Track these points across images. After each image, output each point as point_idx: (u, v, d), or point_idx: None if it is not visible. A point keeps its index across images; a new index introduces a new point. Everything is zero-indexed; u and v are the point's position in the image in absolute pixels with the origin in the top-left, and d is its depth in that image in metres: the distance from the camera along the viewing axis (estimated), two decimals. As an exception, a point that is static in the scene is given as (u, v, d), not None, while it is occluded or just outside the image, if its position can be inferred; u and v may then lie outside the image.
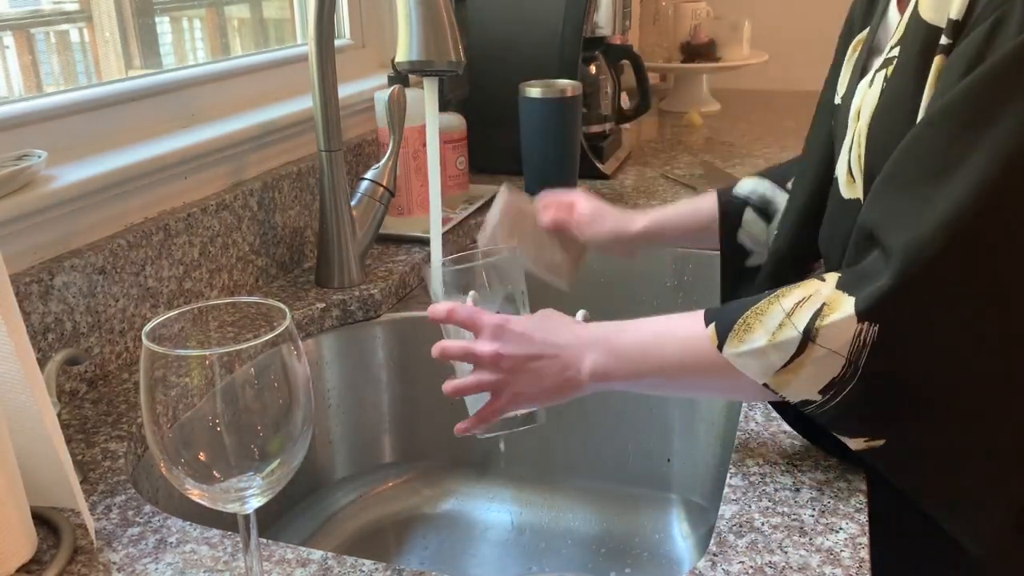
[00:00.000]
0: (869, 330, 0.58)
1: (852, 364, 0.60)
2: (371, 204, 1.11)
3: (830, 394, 0.61)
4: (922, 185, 0.59)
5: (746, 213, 0.94)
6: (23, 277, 0.79)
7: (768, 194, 0.94)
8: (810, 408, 0.63)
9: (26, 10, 1.03)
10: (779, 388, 0.63)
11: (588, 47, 1.50)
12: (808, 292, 0.63)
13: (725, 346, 0.64)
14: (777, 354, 0.62)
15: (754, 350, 0.63)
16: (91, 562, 0.62)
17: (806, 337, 0.61)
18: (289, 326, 0.49)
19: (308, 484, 1.04)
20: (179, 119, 1.06)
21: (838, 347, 0.60)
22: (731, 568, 0.60)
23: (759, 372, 0.64)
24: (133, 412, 0.82)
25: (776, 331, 0.62)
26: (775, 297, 0.64)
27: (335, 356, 1.05)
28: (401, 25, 0.81)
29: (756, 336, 0.63)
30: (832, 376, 0.61)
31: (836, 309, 0.60)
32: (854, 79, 0.75)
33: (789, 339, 0.61)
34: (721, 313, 0.66)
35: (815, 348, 0.60)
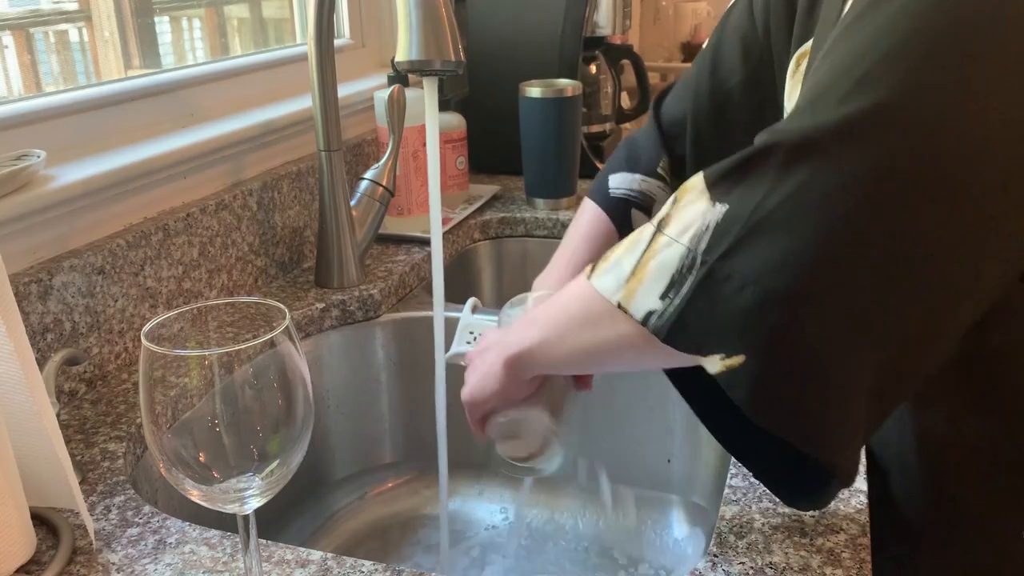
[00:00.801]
0: (713, 209, 0.50)
1: (691, 252, 0.50)
2: (371, 204, 1.11)
3: (670, 296, 0.51)
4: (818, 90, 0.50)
5: (633, 214, 0.87)
6: (22, 277, 0.79)
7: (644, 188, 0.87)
8: (652, 320, 0.52)
9: (25, 10, 1.03)
10: (627, 302, 0.53)
11: (588, 47, 1.50)
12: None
13: (592, 275, 0.57)
14: (629, 257, 0.54)
15: (610, 263, 0.56)
16: (90, 563, 0.62)
17: (658, 229, 0.53)
18: (288, 326, 0.49)
19: (308, 484, 1.04)
20: (178, 119, 1.06)
21: (678, 232, 0.51)
22: (731, 569, 0.60)
23: (612, 288, 0.55)
24: (132, 412, 0.82)
25: (636, 235, 0.55)
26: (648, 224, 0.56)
27: (335, 356, 1.05)
28: (401, 25, 0.80)
29: (620, 250, 0.56)
30: (671, 272, 0.51)
31: (690, 191, 0.52)
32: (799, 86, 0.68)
33: (642, 236, 0.54)
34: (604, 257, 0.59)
35: (660, 237, 0.52)
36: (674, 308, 0.51)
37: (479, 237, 1.34)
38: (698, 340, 0.51)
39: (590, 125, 1.54)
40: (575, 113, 1.33)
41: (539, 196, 1.35)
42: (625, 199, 0.88)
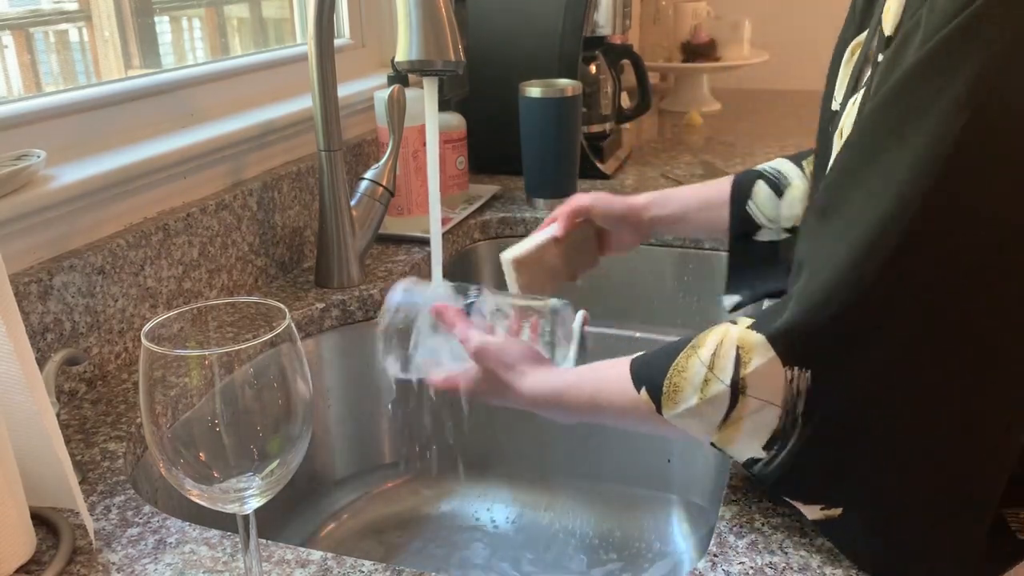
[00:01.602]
0: (800, 376, 0.55)
1: (789, 415, 0.56)
2: (371, 204, 1.11)
3: (774, 449, 0.58)
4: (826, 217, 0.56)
5: (757, 185, 0.91)
6: (22, 277, 0.79)
7: (783, 169, 0.91)
8: (758, 467, 0.60)
9: (25, 10, 1.03)
10: (724, 445, 0.61)
11: (588, 47, 1.50)
12: (720, 336, 0.60)
13: (663, 410, 0.62)
14: (712, 410, 0.59)
15: (690, 409, 0.61)
16: (90, 562, 0.62)
17: (735, 390, 0.58)
18: (288, 326, 0.49)
19: (308, 484, 1.04)
20: (178, 119, 1.06)
21: (770, 396, 0.57)
22: (731, 569, 0.60)
23: (702, 430, 0.61)
24: (132, 412, 0.82)
25: (703, 387, 0.59)
26: (691, 348, 0.61)
27: (335, 356, 1.05)
28: (401, 25, 0.80)
29: (685, 395, 0.61)
30: (772, 429, 0.57)
31: (753, 352, 0.57)
32: (849, 88, 0.72)
33: (718, 393, 0.59)
34: (647, 372, 0.64)
35: (748, 400, 0.58)
36: (781, 459, 0.58)
37: (479, 237, 1.34)
38: (803, 491, 0.59)
39: (590, 125, 1.54)
40: (575, 113, 1.33)
41: (539, 196, 1.35)
42: (760, 171, 0.92)
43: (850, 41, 0.77)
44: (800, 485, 0.59)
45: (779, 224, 0.90)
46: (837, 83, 0.77)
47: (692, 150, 1.72)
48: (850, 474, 0.56)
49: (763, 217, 0.91)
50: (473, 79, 1.47)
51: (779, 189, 0.90)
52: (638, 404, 0.64)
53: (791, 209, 0.89)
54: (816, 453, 0.57)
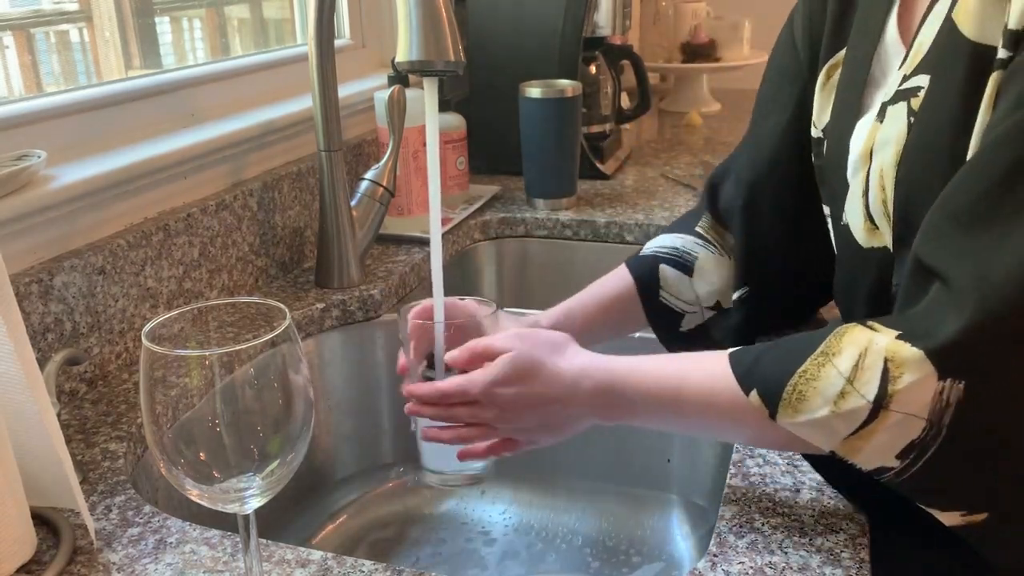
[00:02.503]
0: (952, 387, 0.52)
1: (934, 426, 0.53)
2: (371, 204, 1.11)
3: (910, 458, 0.54)
4: (993, 219, 0.53)
5: (661, 270, 0.85)
6: (23, 277, 0.79)
7: (679, 245, 0.86)
8: (887, 476, 0.56)
9: (26, 10, 1.03)
10: (849, 455, 0.57)
11: (588, 47, 1.50)
12: (861, 346, 0.56)
13: (779, 416, 0.58)
14: (844, 423, 0.56)
15: (815, 420, 0.57)
16: (91, 562, 0.62)
17: (878, 405, 0.54)
18: (289, 326, 0.49)
19: (308, 484, 1.04)
20: (179, 119, 1.06)
21: (917, 410, 0.53)
22: (731, 568, 0.60)
23: (825, 441, 0.57)
24: (133, 412, 0.82)
25: (838, 399, 0.55)
26: (823, 356, 0.57)
27: (335, 356, 1.05)
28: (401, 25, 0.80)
29: (814, 405, 0.57)
30: (911, 439, 0.54)
31: (906, 367, 0.53)
32: (844, 113, 0.69)
33: (856, 408, 0.55)
34: (758, 375, 0.60)
35: (889, 414, 0.54)
36: (918, 468, 0.55)
37: (479, 237, 1.34)
38: (941, 498, 0.56)
39: (590, 125, 1.54)
40: (575, 113, 1.33)
41: (539, 196, 1.35)
42: (654, 255, 0.87)
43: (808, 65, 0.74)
44: (939, 492, 0.56)
45: (700, 304, 0.85)
46: (815, 109, 0.74)
47: (692, 150, 1.72)
48: (996, 480, 0.54)
49: (681, 303, 0.86)
50: (473, 79, 1.47)
51: (685, 267, 0.85)
52: (741, 406, 0.60)
53: (709, 285, 0.85)
54: (959, 462, 0.54)
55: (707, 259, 0.85)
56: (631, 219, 1.29)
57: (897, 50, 0.66)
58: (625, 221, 1.29)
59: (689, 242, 0.86)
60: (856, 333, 0.57)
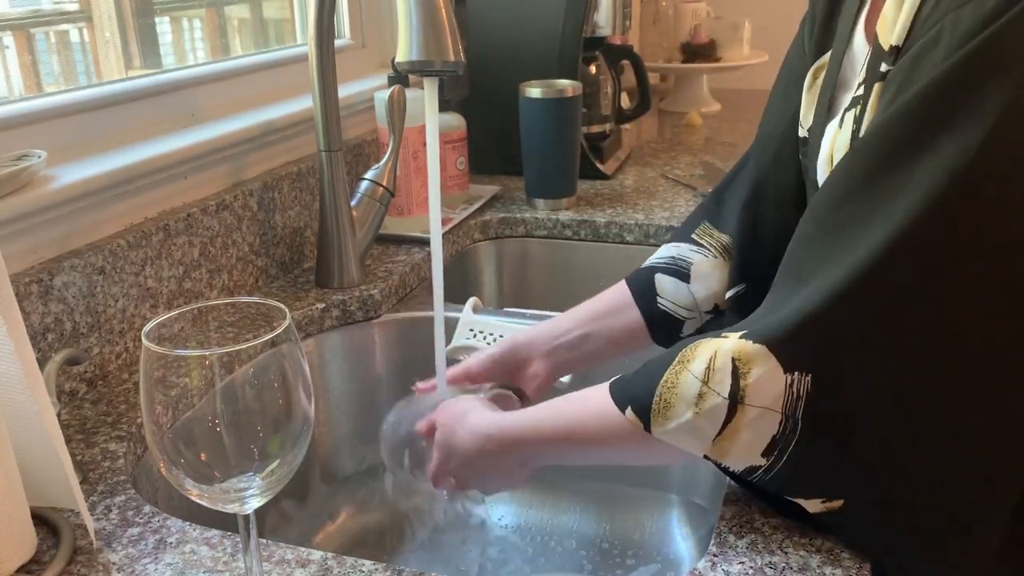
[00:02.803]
0: (801, 380, 0.55)
1: (790, 419, 0.56)
2: (371, 204, 1.11)
3: (774, 454, 0.57)
4: (836, 225, 0.56)
5: (657, 279, 0.85)
6: (23, 277, 0.79)
7: (675, 253, 0.87)
8: (757, 475, 0.59)
9: (26, 10, 1.03)
10: (721, 457, 0.59)
11: (588, 47, 1.50)
12: (712, 350, 0.58)
13: (653, 426, 0.61)
14: (708, 423, 0.58)
15: (683, 424, 0.59)
16: (91, 562, 0.62)
17: (733, 400, 0.57)
18: (289, 326, 0.49)
19: (308, 484, 1.04)
20: (179, 119, 1.06)
21: (770, 403, 0.56)
22: (731, 568, 0.60)
23: (696, 445, 0.60)
24: (133, 412, 0.82)
25: (698, 400, 0.58)
26: (679, 364, 0.60)
27: (335, 356, 1.05)
28: (401, 25, 0.80)
29: (679, 411, 0.59)
30: (772, 435, 0.57)
31: (752, 362, 0.56)
32: (820, 113, 0.70)
33: (715, 405, 0.57)
34: (631, 391, 0.63)
35: (746, 409, 0.57)
36: (783, 464, 0.57)
37: (479, 237, 1.34)
38: (807, 490, 0.59)
39: (590, 125, 1.54)
40: (575, 113, 1.33)
41: (539, 196, 1.35)
42: (650, 267, 0.87)
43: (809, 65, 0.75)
44: (802, 483, 0.59)
45: (699, 310, 0.85)
46: (802, 109, 0.76)
47: (692, 150, 1.72)
48: (851, 468, 0.57)
49: (681, 310, 0.85)
50: (473, 79, 1.47)
51: (682, 274, 0.85)
52: (622, 426, 0.62)
53: (706, 289, 0.85)
54: (817, 452, 0.57)
55: (702, 263, 0.85)
56: (631, 219, 1.29)
57: (862, 50, 0.67)
58: (625, 221, 1.29)
59: (684, 249, 0.87)
60: (706, 341, 0.60)
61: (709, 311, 0.85)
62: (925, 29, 0.54)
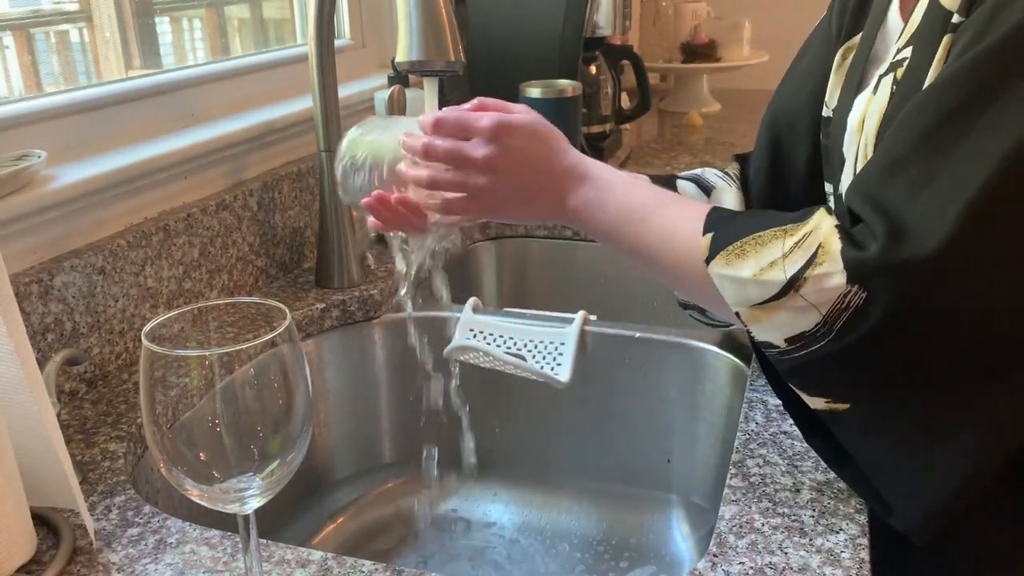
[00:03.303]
0: (856, 295, 0.55)
1: (827, 324, 0.57)
2: (371, 204, 1.11)
3: (796, 345, 0.59)
4: (917, 161, 0.56)
5: (679, 183, 0.86)
6: (23, 277, 0.79)
7: (699, 172, 0.88)
8: (772, 352, 0.61)
9: (26, 10, 1.03)
10: (749, 322, 0.61)
11: (588, 47, 1.50)
12: (812, 226, 0.59)
13: (712, 261, 0.62)
14: (757, 290, 0.59)
15: (738, 278, 0.60)
16: (91, 562, 0.62)
17: (790, 285, 0.58)
18: (289, 326, 0.49)
19: (308, 484, 1.04)
20: (179, 119, 1.06)
21: (818, 302, 0.57)
22: (731, 569, 0.60)
23: (734, 299, 0.61)
24: (133, 412, 0.82)
25: (766, 268, 0.59)
26: (782, 231, 0.60)
27: (335, 356, 1.05)
28: (401, 25, 0.80)
29: (745, 265, 0.60)
30: (803, 329, 0.58)
31: (827, 258, 0.57)
32: (848, 91, 0.71)
33: (773, 281, 0.58)
34: (722, 225, 0.63)
35: (796, 298, 0.58)
36: (799, 356, 0.59)
37: (479, 237, 1.34)
38: (811, 386, 0.60)
39: (590, 125, 1.54)
40: (575, 113, 1.33)
41: (539, 196, 1.35)
42: (673, 175, 0.88)
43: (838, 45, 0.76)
44: (809, 381, 0.60)
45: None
46: (828, 90, 0.76)
47: (692, 151, 1.72)
48: (862, 383, 0.58)
49: None
50: (473, 79, 1.47)
51: (705, 188, 0.86)
52: (690, 241, 0.63)
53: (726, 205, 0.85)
54: (839, 361, 0.57)
55: (724, 189, 0.87)
56: (631, 219, 1.29)
57: (897, 28, 0.68)
58: (625, 221, 1.28)
59: (710, 173, 0.88)
60: (819, 215, 0.60)
61: None
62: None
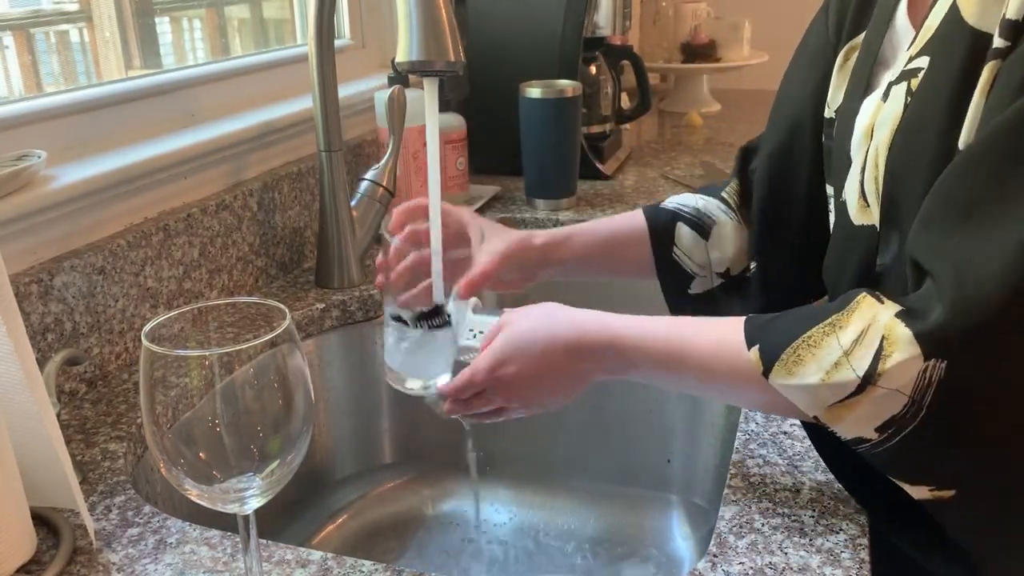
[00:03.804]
0: (936, 367, 0.53)
1: (916, 403, 0.54)
2: (371, 204, 1.11)
3: (888, 432, 0.56)
4: (979, 214, 0.54)
5: (678, 228, 0.84)
6: (23, 277, 0.79)
7: (700, 206, 0.85)
8: (864, 447, 0.58)
9: (26, 10, 1.03)
10: (831, 423, 0.59)
11: (588, 47, 1.50)
12: (866, 322, 0.57)
13: (772, 375, 0.60)
14: (831, 393, 0.57)
15: (805, 385, 0.58)
16: (91, 562, 0.62)
17: (866, 381, 0.56)
18: (289, 326, 0.49)
19: (308, 484, 1.04)
20: (179, 119, 1.06)
21: (901, 386, 0.55)
22: (731, 569, 0.60)
23: (809, 405, 0.59)
24: (133, 412, 0.82)
25: (831, 370, 0.57)
26: (830, 326, 0.58)
27: (335, 356, 1.05)
28: (401, 25, 0.80)
29: (808, 371, 0.58)
30: (892, 414, 0.56)
31: (897, 346, 0.55)
32: (854, 92, 0.70)
33: (846, 381, 0.56)
34: (765, 334, 0.61)
35: (876, 389, 0.56)
36: (895, 443, 0.56)
37: (479, 237, 1.33)
38: (913, 473, 0.58)
39: (590, 126, 1.54)
40: (575, 113, 1.33)
41: (539, 197, 1.35)
42: (675, 211, 0.86)
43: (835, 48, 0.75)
44: (911, 468, 0.58)
45: (711, 270, 0.84)
46: (831, 90, 0.75)
47: (692, 151, 1.72)
48: (965, 461, 0.56)
49: (693, 265, 0.84)
50: (473, 79, 1.47)
51: (703, 230, 0.85)
52: (739, 360, 0.61)
53: (721, 251, 0.84)
54: (933, 440, 0.55)
55: (726, 224, 0.85)
56: (631, 219, 1.29)
57: (907, 32, 0.67)
58: (625, 221, 1.28)
59: (712, 205, 0.86)
60: (865, 306, 0.58)
61: (720, 273, 0.85)
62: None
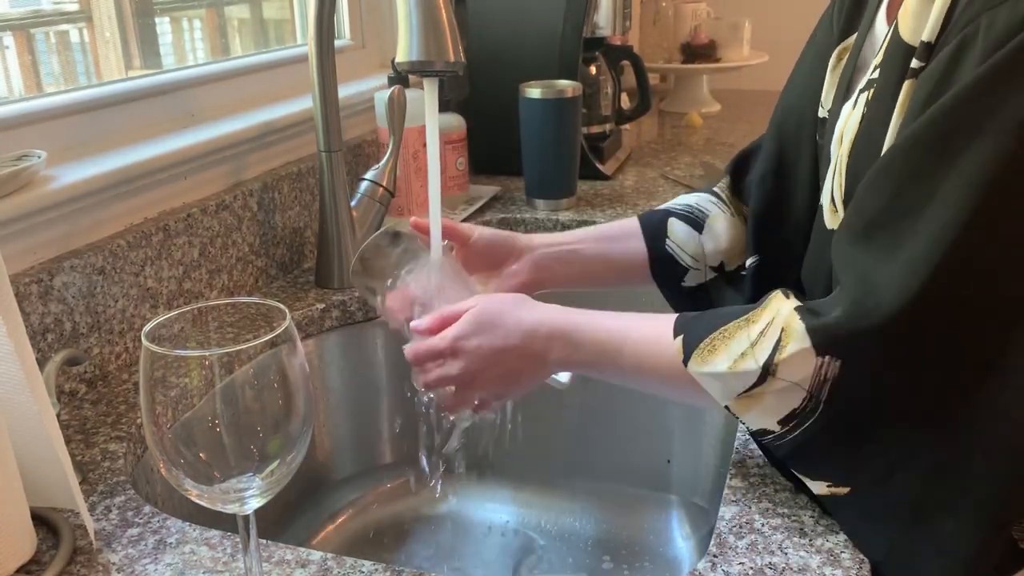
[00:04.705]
0: (830, 364, 0.57)
1: (814, 398, 0.58)
2: (371, 204, 1.11)
3: (790, 426, 0.60)
4: (881, 228, 0.57)
5: (670, 223, 0.86)
6: (23, 277, 0.79)
7: (692, 202, 0.87)
8: (768, 439, 0.62)
9: (26, 10, 1.03)
10: (739, 412, 0.62)
11: (588, 47, 1.50)
12: (773, 314, 0.61)
13: (690, 363, 0.63)
14: (737, 382, 0.61)
15: (716, 373, 0.62)
16: (90, 563, 0.62)
17: (765, 372, 0.59)
18: (289, 327, 0.49)
19: (308, 484, 1.04)
20: (179, 119, 1.06)
21: (799, 380, 0.58)
22: (731, 569, 0.60)
23: (720, 394, 0.62)
24: (133, 412, 0.82)
25: (738, 359, 0.60)
26: (745, 321, 0.62)
27: (335, 356, 1.05)
28: (401, 25, 0.80)
29: (718, 360, 0.62)
30: (793, 408, 0.59)
31: (792, 338, 0.58)
32: (839, 95, 0.71)
33: (747, 371, 0.60)
34: (691, 326, 0.65)
35: (775, 381, 0.59)
36: (795, 436, 0.60)
37: (479, 237, 1.33)
38: (811, 467, 0.61)
39: (590, 126, 1.54)
40: (575, 114, 1.33)
41: (539, 197, 1.35)
42: (667, 210, 0.87)
43: (834, 46, 0.75)
44: (810, 462, 0.61)
45: (705, 262, 0.85)
46: (824, 90, 0.76)
47: (692, 151, 1.72)
48: (862, 458, 0.58)
49: (687, 256, 0.85)
50: (473, 79, 1.47)
51: (697, 223, 0.85)
52: (668, 350, 0.64)
53: (715, 243, 0.85)
54: (831, 436, 0.58)
55: (718, 217, 0.85)
56: (631, 219, 1.29)
57: (883, 33, 0.67)
58: (625, 221, 1.28)
59: (703, 199, 0.87)
60: (775, 302, 0.62)
61: (715, 267, 0.86)
62: (958, 28, 0.54)
